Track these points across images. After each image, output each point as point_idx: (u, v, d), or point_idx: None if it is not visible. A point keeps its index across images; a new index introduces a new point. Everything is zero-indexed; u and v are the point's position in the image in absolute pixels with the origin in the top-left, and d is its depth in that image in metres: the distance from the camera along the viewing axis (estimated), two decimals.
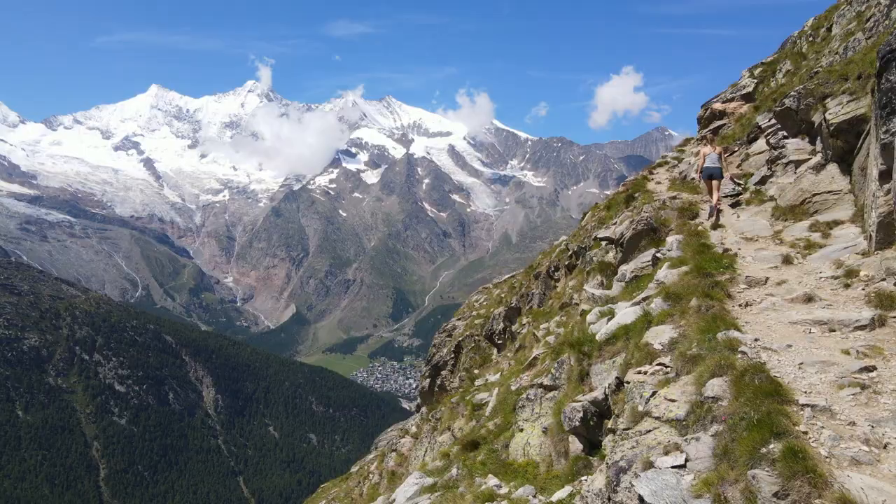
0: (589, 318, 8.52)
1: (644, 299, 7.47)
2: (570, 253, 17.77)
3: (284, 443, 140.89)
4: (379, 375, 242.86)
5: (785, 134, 10.93)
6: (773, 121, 11.38)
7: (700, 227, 9.61)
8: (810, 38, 16.19)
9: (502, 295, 25.76)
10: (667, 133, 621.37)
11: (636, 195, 14.14)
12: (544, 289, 19.30)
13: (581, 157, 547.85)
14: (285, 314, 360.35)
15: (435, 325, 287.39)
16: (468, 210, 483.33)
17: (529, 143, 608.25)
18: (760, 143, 12.29)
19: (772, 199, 10.10)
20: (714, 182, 11.71)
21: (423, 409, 21.54)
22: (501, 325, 20.85)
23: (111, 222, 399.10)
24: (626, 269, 9.79)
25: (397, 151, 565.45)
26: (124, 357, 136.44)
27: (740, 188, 11.37)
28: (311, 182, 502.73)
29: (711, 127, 16.57)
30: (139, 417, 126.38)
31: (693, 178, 13.36)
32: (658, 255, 9.00)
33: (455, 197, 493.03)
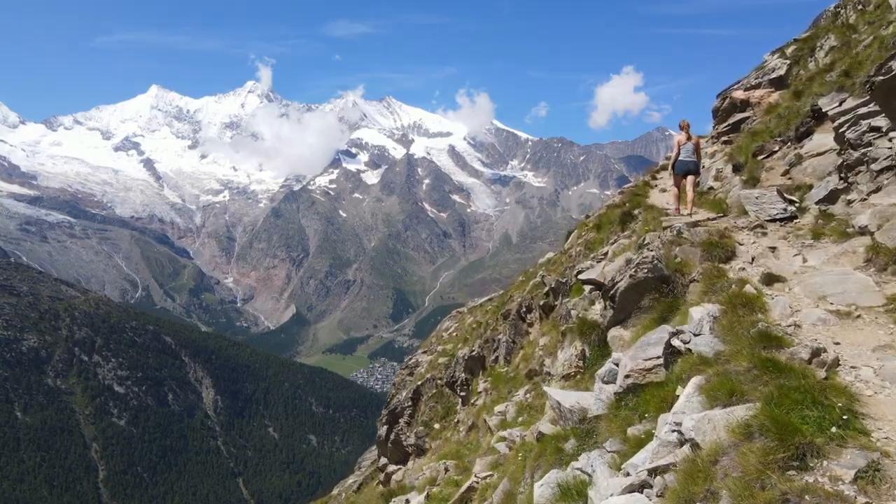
0: (537, 491, 4.79)
1: (655, 472, 3.58)
2: (546, 289, 13.71)
3: (284, 444, 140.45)
4: (379, 376, 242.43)
5: (875, 124, 7.11)
6: (850, 104, 7.70)
7: (747, 287, 5.30)
8: (859, 7, 13.60)
9: (474, 325, 21.39)
10: (667, 133, 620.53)
11: (635, 212, 10.78)
12: (514, 334, 15.28)
13: (581, 158, 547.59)
14: (285, 315, 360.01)
15: (435, 326, 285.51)
16: (468, 210, 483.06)
17: (529, 143, 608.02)
18: (821, 140, 8.89)
19: (863, 231, 6.27)
20: (689, 178, 9.80)
21: None
22: (463, 375, 17.39)
23: (111, 223, 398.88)
24: (621, 364, 5.46)
25: (397, 152, 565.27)
26: (123, 358, 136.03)
27: (794, 208, 7.72)
28: (312, 182, 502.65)
29: (730, 121, 13.78)
30: (138, 418, 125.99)
31: (711, 188, 10.78)
32: (675, 342, 4.83)
33: (455, 197, 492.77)
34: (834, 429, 3.07)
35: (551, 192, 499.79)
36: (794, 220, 7.50)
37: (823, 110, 8.62)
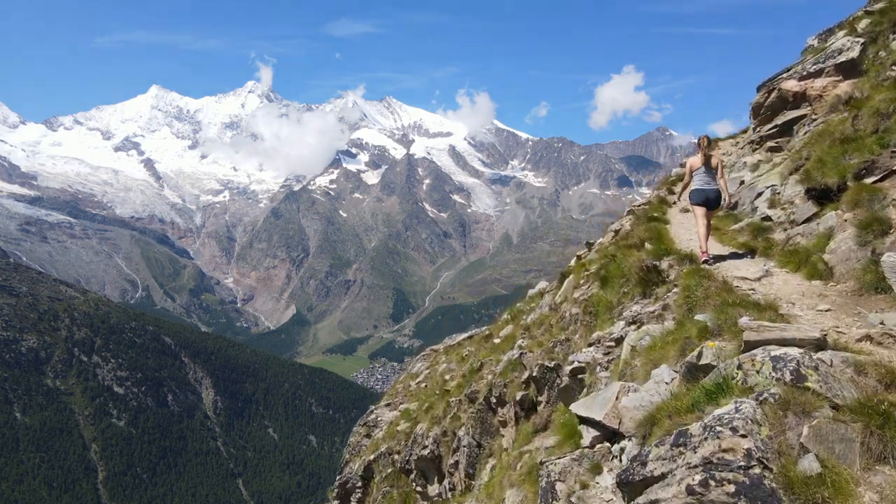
0: None
1: None
2: (525, 376, 9.25)
3: (284, 444, 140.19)
4: (379, 376, 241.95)
5: None
6: None
7: None
8: None
9: (446, 378, 16.40)
10: (668, 133, 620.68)
11: (663, 265, 7.07)
12: (479, 433, 10.94)
13: (582, 158, 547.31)
14: (285, 315, 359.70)
15: (435, 326, 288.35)
16: (469, 210, 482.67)
17: (530, 143, 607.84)
18: None
19: None
20: (699, 211, 7.35)
21: None
22: (415, 470, 14.03)
23: (111, 223, 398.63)
24: None
25: (398, 152, 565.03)
26: (123, 359, 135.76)
27: None
28: (312, 182, 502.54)
29: (778, 121, 10.60)
30: (138, 419, 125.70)
31: (768, 219, 7.93)
32: None
33: (455, 197, 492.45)
34: None
35: (552, 192, 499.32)
36: None
37: None
